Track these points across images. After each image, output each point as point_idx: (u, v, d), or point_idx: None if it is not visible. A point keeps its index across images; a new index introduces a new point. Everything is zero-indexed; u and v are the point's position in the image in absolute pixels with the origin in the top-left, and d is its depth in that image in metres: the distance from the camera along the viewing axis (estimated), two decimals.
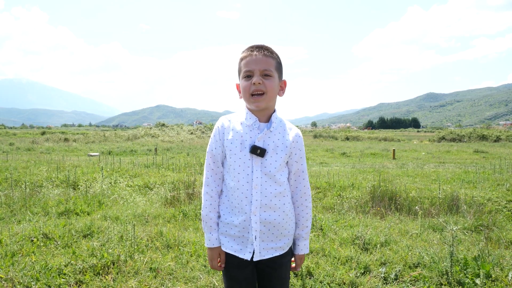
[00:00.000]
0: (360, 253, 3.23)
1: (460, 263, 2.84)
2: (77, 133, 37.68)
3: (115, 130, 49.36)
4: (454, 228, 2.65)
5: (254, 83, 1.44)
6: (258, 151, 1.45)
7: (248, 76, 1.47)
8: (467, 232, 3.95)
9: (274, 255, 1.51)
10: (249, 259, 1.48)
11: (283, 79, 1.57)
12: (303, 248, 1.61)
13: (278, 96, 1.54)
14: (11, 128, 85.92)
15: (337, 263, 3.04)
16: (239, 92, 1.54)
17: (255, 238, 1.47)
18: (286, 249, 1.55)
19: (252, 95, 1.46)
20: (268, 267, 1.53)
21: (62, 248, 3.37)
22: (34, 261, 3.01)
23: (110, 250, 3.12)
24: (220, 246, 1.54)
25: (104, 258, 2.99)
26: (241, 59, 1.51)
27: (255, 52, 1.47)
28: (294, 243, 1.62)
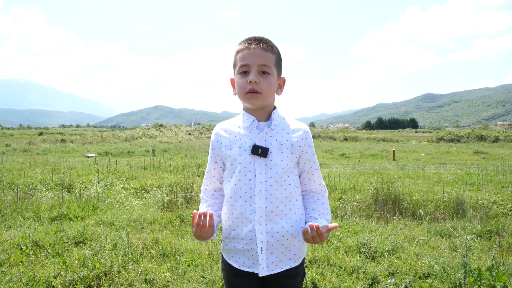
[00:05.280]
0: (367, 263, 3.06)
1: (474, 273, 2.68)
2: (75, 134, 37.37)
3: (113, 130, 49.12)
4: (468, 238, 2.49)
5: (250, 82, 1.31)
6: (259, 150, 1.31)
7: (244, 72, 1.34)
8: (476, 238, 3.80)
9: (284, 269, 1.37)
10: (261, 274, 1.35)
11: (282, 76, 1.43)
12: (322, 222, 1.34)
13: (276, 94, 1.41)
14: (8, 128, 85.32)
15: (343, 274, 2.87)
16: (234, 87, 1.41)
17: (261, 250, 1.33)
18: (298, 261, 1.40)
19: (247, 92, 1.34)
20: (279, 283, 1.39)
21: (53, 257, 3.20)
22: (22, 271, 2.83)
23: (102, 260, 2.95)
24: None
25: (96, 268, 2.82)
26: (237, 52, 1.37)
27: (253, 45, 1.34)
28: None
